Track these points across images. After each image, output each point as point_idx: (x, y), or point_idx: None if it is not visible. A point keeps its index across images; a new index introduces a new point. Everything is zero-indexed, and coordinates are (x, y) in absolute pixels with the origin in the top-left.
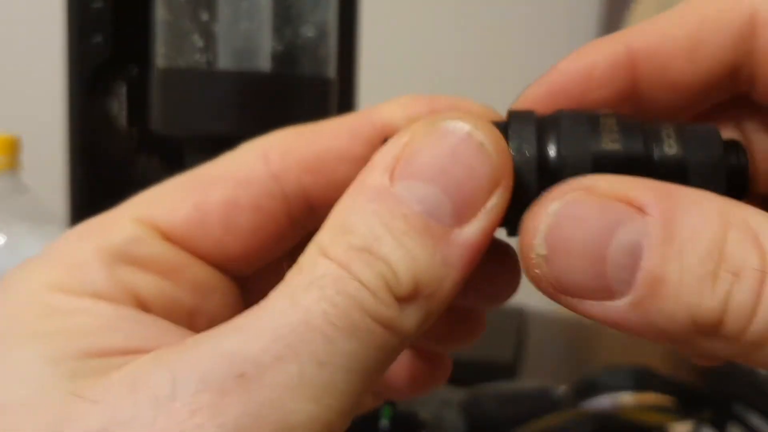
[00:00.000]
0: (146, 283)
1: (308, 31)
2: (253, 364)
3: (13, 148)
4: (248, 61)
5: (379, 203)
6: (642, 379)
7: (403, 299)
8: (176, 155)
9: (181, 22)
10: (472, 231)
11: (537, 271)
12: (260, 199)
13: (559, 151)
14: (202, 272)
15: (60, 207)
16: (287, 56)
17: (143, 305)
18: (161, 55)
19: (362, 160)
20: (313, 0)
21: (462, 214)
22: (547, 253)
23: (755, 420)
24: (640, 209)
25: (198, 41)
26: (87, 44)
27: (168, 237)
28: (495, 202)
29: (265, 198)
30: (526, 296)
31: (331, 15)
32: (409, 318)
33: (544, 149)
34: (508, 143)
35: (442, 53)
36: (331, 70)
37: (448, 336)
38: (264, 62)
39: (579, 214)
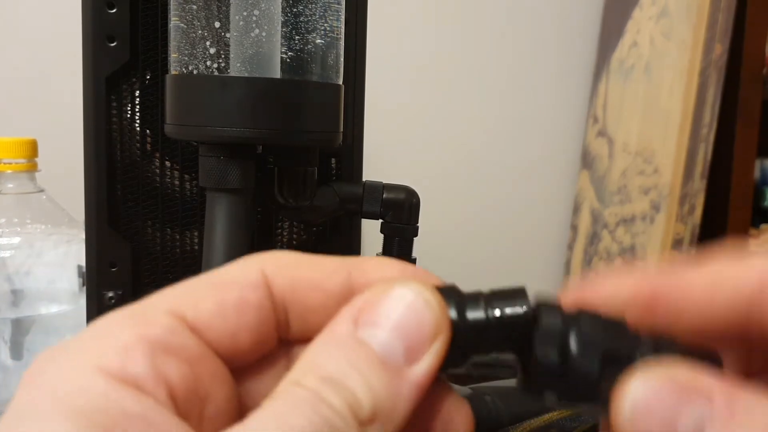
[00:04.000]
0: (176, 371)
1: (317, 39)
2: None
3: (31, 150)
4: (259, 67)
5: (346, 345)
6: None
7: (364, 422)
8: (189, 158)
9: (194, 29)
10: (419, 369)
11: None
12: (262, 301)
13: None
14: (216, 363)
15: (75, 208)
16: (297, 63)
17: (171, 391)
18: (174, 62)
19: (334, 295)
20: (322, 9)
21: (412, 356)
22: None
23: None
24: (708, 397)
25: (210, 48)
26: (103, 50)
27: (193, 329)
28: (437, 348)
29: (265, 300)
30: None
31: (339, 23)
32: None
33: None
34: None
35: (445, 58)
36: (339, 76)
37: None
38: (274, 69)
39: (658, 396)
